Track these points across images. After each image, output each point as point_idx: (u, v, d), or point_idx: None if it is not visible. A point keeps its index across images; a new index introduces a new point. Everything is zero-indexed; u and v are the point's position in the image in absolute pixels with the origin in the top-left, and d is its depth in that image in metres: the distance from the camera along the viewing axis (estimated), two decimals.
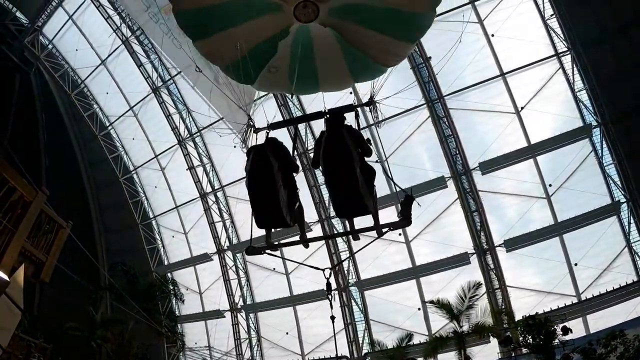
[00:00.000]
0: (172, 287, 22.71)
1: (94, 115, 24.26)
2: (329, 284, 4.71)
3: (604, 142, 16.12)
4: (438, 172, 17.99)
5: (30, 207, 7.82)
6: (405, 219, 4.75)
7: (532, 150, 16.89)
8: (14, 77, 22.16)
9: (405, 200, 4.80)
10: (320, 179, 19.59)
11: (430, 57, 17.24)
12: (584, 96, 16.23)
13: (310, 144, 19.30)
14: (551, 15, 16.01)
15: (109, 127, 24.27)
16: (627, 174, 15.82)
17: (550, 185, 16.81)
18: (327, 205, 19.75)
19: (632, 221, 15.85)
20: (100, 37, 22.07)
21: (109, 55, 22.34)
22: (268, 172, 4.56)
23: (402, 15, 5.25)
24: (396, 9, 5.22)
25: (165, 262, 24.92)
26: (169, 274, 24.11)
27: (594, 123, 16.15)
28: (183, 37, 18.04)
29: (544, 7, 16.04)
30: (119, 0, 19.88)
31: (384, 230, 4.85)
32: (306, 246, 5.33)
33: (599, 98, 15.87)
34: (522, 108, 16.77)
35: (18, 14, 22.72)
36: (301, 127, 19.21)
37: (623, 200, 15.95)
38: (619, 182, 16.05)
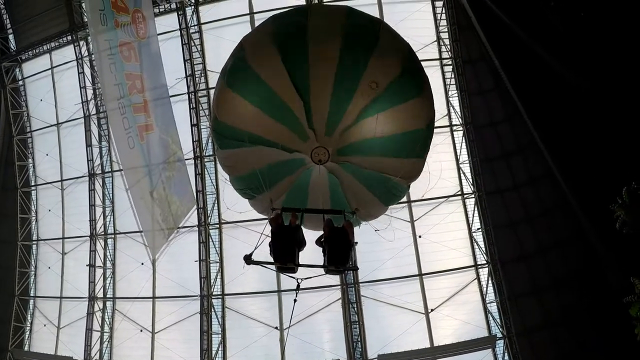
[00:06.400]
0: None
1: (25, 168, 23.11)
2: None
3: (506, 354, 16.73)
4: (335, 355, 17.54)
5: None
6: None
7: (433, 352, 16.99)
8: None
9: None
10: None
11: (356, 242, 17.66)
12: (493, 307, 17.16)
13: None
14: (477, 228, 17.50)
15: (32, 188, 23.00)
16: None
17: None
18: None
19: None
20: (67, 101, 21.90)
21: (66, 121, 22.07)
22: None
23: (404, 136, 6.64)
24: (395, 133, 6.60)
25: (26, 348, 22.02)
26: None
27: (499, 335, 16.81)
28: (140, 141, 18.10)
29: (472, 221, 17.59)
30: (100, 77, 20.08)
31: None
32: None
33: (507, 312, 16.82)
34: (432, 310, 17.25)
35: (11, 37, 22.49)
36: None
37: None
38: None
